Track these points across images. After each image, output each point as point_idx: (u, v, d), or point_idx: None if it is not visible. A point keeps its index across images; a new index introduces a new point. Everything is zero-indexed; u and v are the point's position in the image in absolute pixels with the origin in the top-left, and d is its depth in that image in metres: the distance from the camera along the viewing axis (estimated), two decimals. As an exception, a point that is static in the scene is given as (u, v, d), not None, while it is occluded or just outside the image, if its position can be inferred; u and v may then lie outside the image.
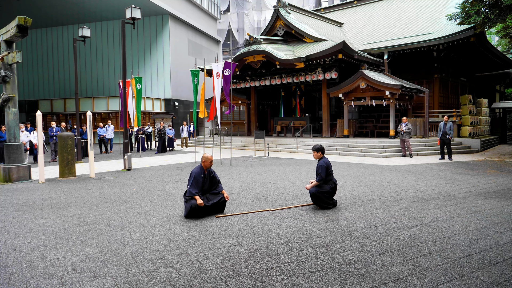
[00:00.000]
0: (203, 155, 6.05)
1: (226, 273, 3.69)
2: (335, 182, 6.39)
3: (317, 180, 6.22)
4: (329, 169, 6.28)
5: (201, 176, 5.93)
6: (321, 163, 6.27)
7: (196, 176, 5.88)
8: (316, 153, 6.38)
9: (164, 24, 30.92)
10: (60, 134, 10.42)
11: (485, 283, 3.39)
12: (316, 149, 6.37)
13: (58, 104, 28.76)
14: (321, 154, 6.37)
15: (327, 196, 6.28)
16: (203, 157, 6.01)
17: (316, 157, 6.40)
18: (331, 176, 6.32)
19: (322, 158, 6.35)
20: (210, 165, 6.01)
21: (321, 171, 6.17)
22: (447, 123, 13.78)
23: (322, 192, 6.24)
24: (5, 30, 10.13)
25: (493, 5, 13.26)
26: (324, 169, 6.18)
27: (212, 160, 6.01)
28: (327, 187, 6.27)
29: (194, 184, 5.84)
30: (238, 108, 25.36)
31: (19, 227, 5.41)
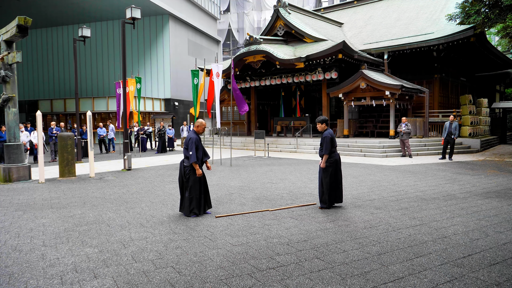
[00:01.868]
0: (197, 120, 6.05)
1: (226, 273, 3.69)
2: (338, 158, 6.45)
3: (323, 153, 6.27)
4: (334, 141, 6.35)
5: (199, 142, 5.92)
6: (326, 134, 6.32)
7: (196, 142, 5.82)
8: (320, 125, 6.45)
9: (164, 24, 30.92)
10: (60, 134, 10.42)
11: (485, 283, 3.39)
12: (320, 120, 6.46)
13: (58, 104, 28.76)
14: (326, 125, 6.46)
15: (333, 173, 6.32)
16: (198, 122, 6.02)
17: (321, 128, 6.47)
18: (334, 149, 6.39)
19: (327, 130, 6.43)
20: (203, 131, 6.04)
21: (325, 143, 6.24)
22: (453, 123, 13.72)
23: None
24: (5, 30, 10.13)
25: (493, 5, 13.26)
26: (328, 140, 6.25)
27: (205, 125, 6.06)
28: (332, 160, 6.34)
29: (195, 151, 5.78)
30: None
31: (19, 227, 5.41)
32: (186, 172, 5.89)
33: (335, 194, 6.38)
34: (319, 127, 6.49)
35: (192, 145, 5.76)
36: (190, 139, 5.84)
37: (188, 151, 5.81)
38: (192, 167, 5.84)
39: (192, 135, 5.89)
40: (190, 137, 5.86)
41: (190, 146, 5.79)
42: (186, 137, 5.93)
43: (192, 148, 5.75)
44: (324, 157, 6.27)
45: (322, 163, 6.28)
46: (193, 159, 5.75)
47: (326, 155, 6.27)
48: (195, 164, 5.80)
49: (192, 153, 5.75)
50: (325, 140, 6.25)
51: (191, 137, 5.87)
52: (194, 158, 5.75)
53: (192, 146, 5.76)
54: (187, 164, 5.88)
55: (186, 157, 5.89)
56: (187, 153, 5.85)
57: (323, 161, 6.27)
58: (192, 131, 6.02)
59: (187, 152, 5.83)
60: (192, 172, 5.85)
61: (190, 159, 5.78)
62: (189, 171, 5.85)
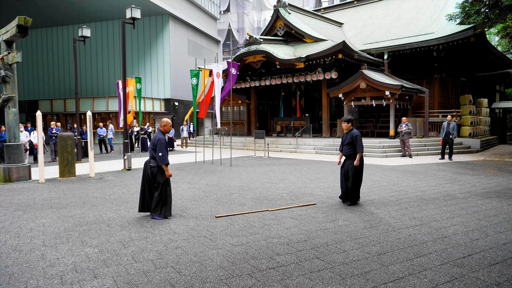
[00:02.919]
0: (162, 119, 5.91)
1: (226, 273, 3.69)
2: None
3: (358, 151, 6.43)
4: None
5: (167, 143, 5.80)
6: (357, 133, 6.52)
7: (164, 143, 5.67)
8: (346, 124, 6.65)
9: (164, 24, 30.92)
10: (60, 134, 10.41)
11: (485, 283, 3.39)
12: (347, 119, 6.65)
13: (58, 104, 28.75)
14: (351, 125, 6.66)
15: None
16: (164, 121, 5.87)
17: (346, 128, 6.66)
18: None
19: (353, 129, 6.63)
20: (169, 130, 5.92)
21: (359, 141, 6.42)
22: (451, 123, 13.74)
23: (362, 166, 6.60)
24: (5, 30, 10.13)
25: (493, 5, 13.26)
26: (361, 138, 6.47)
27: (171, 124, 5.99)
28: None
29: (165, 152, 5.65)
30: (238, 108, 25.36)
31: (19, 227, 5.41)
32: (153, 173, 5.73)
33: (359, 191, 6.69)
34: (345, 126, 6.67)
35: (162, 146, 5.62)
36: (158, 139, 5.66)
37: (156, 152, 5.65)
38: (160, 168, 5.71)
39: (160, 136, 5.72)
40: (159, 138, 5.68)
41: (159, 147, 5.63)
42: (154, 137, 5.76)
43: (162, 149, 5.62)
44: (359, 155, 6.45)
45: (357, 161, 6.41)
46: (164, 161, 5.63)
47: (361, 153, 6.46)
48: (165, 166, 5.66)
49: (162, 154, 5.62)
50: (358, 138, 6.44)
51: (159, 137, 5.69)
52: (165, 159, 5.63)
53: (161, 147, 5.62)
54: (154, 165, 5.72)
55: (153, 157, 5.73)
56: (154, 154, 5.68)
57: (358, 159, 6.42)
58: (159, 131, 5.83)
59: (155, 153, 5.66)
60: (160, 173, 5.72)
61: (159, 160, 5.62)
62: (157, 172, 5.72)
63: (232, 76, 13.14)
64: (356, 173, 6.46)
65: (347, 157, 6.65)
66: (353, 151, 6.52)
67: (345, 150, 6.64)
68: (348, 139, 6.55)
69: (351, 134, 6.55)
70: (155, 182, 5.77)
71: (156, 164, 5.71)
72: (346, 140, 6.60)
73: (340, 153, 6.90)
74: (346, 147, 6.61)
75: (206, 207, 6.55)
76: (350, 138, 6.52)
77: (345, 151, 6.63)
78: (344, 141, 6.67)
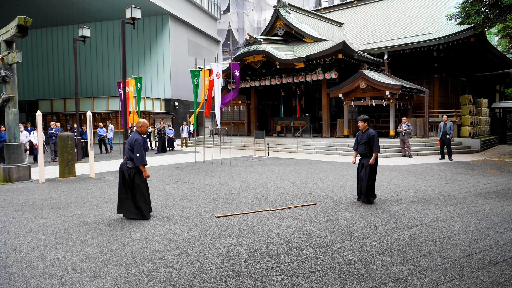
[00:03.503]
0: (139, 120, 5.83)
1: (226, 273, 3.69)
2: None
3: (375, 150, 6.56)
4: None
5: (145, 143, 5.72)
6: (373, 133, 6.67)
7: (141, 143, 5.60)
8: (363, 123, 6.77)
9: (164, 24, 30.92)
10: (60, 134, 10.41)
11: (485, 283, 3.39)
12: (364, 119, 6.78)
13: (58, 104, 28.75)
14: (368, 124, 6.81)
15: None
16: (141, 122, 5.80)
17: (363, 127, 6.78)
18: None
19: (369, 129, 6.77)
20: (146, 131, 5.86)
21: (376, 140, 6.58)
22: (447, 123, 13.78)
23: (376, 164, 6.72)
24: (5, 30, 10.13)
25: (493, 5, 13.26)
26: (377, 138, 6.64)
27: (148, 125, 5.93)
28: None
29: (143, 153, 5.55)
30: (238, 108, 25.37)
31: (19, 227, 5.41)
32: (131, 174, 5.64)
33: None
34: (361, 125, 6.79)
35: (139, 146, 5.54)
36: (136, 140, 5.57)
37: (133, 153, 5.57)
38: (138, 169, 5.64)
39: (137, 136, 5.63)
40: (136, 138, 5.59)
41: (136, 147, 5.55)
42: (130, 138, 5.66)
43: (140, 150, 5.54)
44: (375, 154, 6.59)
45: (372, 160, 6.54)
46: (142, 162, 5.56)
47: (378, 152, 6.60)
48: (143, 167, 5.60)
49: (139, 155, 5.54)
50: (375, 138, 6.60)
51: (136, 138, 5.59)
52: (143, 160, 5.56)
53: (139, 147, 5.54)
54: (131, 166, 5.64)
55: (130, 158, 5.65)
56: (131, 155, 5.60)
57: (374, 158, 6.56)
58: (136, 131, 5.75)
59: (131, 154, 5.59)
60: (138, 174, 5.66)
61: (137, 161, 5.55)
62: (134, 173, 5.63)
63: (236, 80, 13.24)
64: (371, 172, 6.60)
65: (362, 156, 6.79)
66: (369, 150, 6.66)
67: (360, 149, 6.78)
68: (365, 138, 6.70)
69: (367, 133, 6.70)
70: (132, 184, 5.66)
71: (134, 166, 5.63)
72: (362, 139, 6.74)
73: (355, 152, 7.01)
74: (362, 146, 6.75)
75: (206, 207, 6.55)
76: (367, 137, 6.66)
77: (361, 150, 6.77)
78: (360, 140, 6.80)
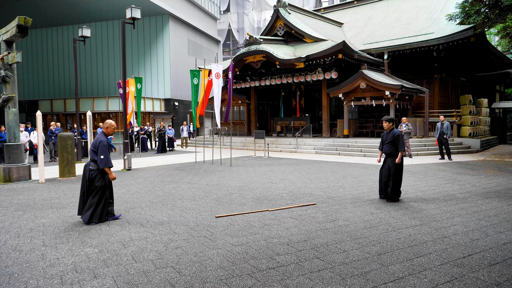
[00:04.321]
0: (106, 121, 5.76)
1: (226, 273, 3.69)
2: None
3: (400, 150, 6.73)
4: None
5: (109, 145, 5.66)
6: (397, 132, 6.85)
7: (106, 145, 5.50)
8: (388, 123, 6.97)
9: (164, 24, 30.92)
10: (60, 134, 10.41)
11: (485, 283, 3.39)
12: (388, 119, 6.98)
13: (58, 104, 28.75)
14: (392, 124, 6.99)
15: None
16: (107, 123, 5.71)
17: (387, 127, 6.99)
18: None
19: (393, 129, 6.95)
20: (113, 132, 5.73)
21: (401, 140, 6.75)
22: (444, 123, 13.80)
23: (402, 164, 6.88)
24: (5, 30, 10.13)
25: (493, 5, 13.25)
26: (402, 137, 6.80)
27: (115, 126, 5.79)
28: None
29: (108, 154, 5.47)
30: (238, 108, 25.37)
31: (19, 227, 5.41)
32: (91, 176, 5.53)
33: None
34: (386, 125, 7.00)
35: (104, 148, 5.46)
36: (100, 142, 5.48)
37: (97, 155, 5.47)
38: (100, 171, 5.55)
39: (102, 138, 5.55)
40: (100, 140, 5.50)
41: (100, 149, 5.46)
42: (95, 140, 5.58)
43: (104, 152, 5.46)
44: (401, 153, 6.76)
45: (398, 159, 6.74)
46: (106, 164, 5.46)
47: (403, 151, 6.76)
48: (108, 169, 5.51)
49: (104, 157, 5.44)
50: (400, 138, 6.77)
51: (101, 139, 5.50)
52: (108, 163, 5.46)
53: (103, 149, 5.46)
54: (93, 168, 5.54)
55: (93, 160, 5.56)
56: (95, 157, 5.51)
57: (400, 157, 6.74)
58: (101, 133, 5.66)
59: (96, 156, 5.50)
60: (101, 176, 5.56)
61: (102, 163, 5.45)
62: (96, 175, 5.53)
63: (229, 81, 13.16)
64: (397, 171, 6.77)
65: (387, 155, 6.97)
66: (394, 149, 6.83)
67: (385, 149, 6.96)
68: (390, 138, 6.88)
69: (392, 133, 6.88)
70: (92, 186, 5.54)
71: (96, 168, 5.53)
72: (387, 139, 6.93)
73: (380, 152, 7.22)
74: (387, 146, 6.93)
75: (206, 207, 6.55)
76: (392, 137, 6.85)
77: (386, 150, 6.95)
78: (385, 140, 7.00)
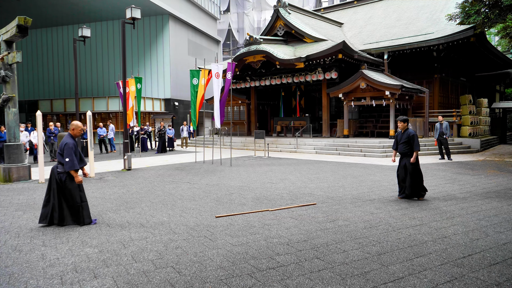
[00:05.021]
0: (72, 122, 5.61)
1: (226, 273, 3.69)
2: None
3: (416, 149, 6.84)
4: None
5: (76, 147, 5.49)
6: (412, 132, 6.96)
7: (73, 148, 5.36)
8: (403, 124, 7.05)
9: (164, 24, 30.92)
10: (60, 134, 10.41)
11: (485, 283, 3.39)
12: (403, 119, 7.07)
13: (58, 104, 28.76)
14: (407, 124, 7.11)
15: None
16: (73, 124, 5.56)
17: (402, 127, 7.08)
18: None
19: (408, 129, 7.05)
20: (80, 134, 5.62)
21: (416, 140, 6.88)
22: (443, 123, 13.81)
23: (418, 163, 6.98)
24: (5, 30, 10.13)
25: (493, 5, 13.25)
26: (417, 137, 6.93)
27: (82, 127, 5.65)
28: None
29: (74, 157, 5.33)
30: (238, 108, 25.36)
31: (19, 227, 5.41)
32: (62, 179, 5.39)
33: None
34: (401, 126, 7.08)
35: (69, 151, 5.32)
36: (66, 144, 5.35)
37: (63, 158, 5.35)
38: (68, 174, 5.40)
39: (68, 140, 5.42)
40: (66, 142, 5.37)
41: (66, 151, 5.33)
42: (61, 142, 5.44)
43: (70, 155, 5.32)
44: (416, 153, 6.87)
45: (413, 159, 6.83)
46: (72, 167, 5.32)
47: (418, 151, 6.86)
48: (74, 172, 5.37)
49: (69, 160, 5.31)
50: (415, 138, 6.90)
51: (66, 142, 5.38)
52: (73, 165, 5.33)
53: (69, 152, 5.32)
54: (62, 171, 5.39)
55: (61, 163, 5.42)
56: (61, 160, 5.38)
57: (415, 156, 6.85)
58: (68, 135, 5.54)
59: (62, 159, 5.37)
60: (69, 179, 5.42)
61: (66, 166, 5.32)
62: (66, 178, 5.40)
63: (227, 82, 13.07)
64: (414, 169, 6.86)
65: (403, 155, 7.08)
66: (409, 149, 6.94)
67: (400, 148, 7.09)
68: (404, 138, 6.99)
69: (407, 133, 6.98)
70: (65, 189, 5.42)
71: (64, 170, 5.40)
72: (402, 139, 7.04)
73: (394, 151, 7.34)
74: (402, 146, 7.04)
75: (206, 207, 6.55)
76: (407, 137, 6.95)
77: (401, 149, 7.08)
78: (400, 140, 7.11)
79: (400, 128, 7.11)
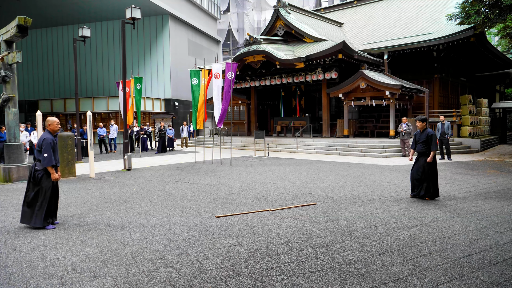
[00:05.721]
0: (48, 119, 5.50)
1: (226, 273, 3.69)
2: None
3: (433, 149, 6.86)
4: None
5: (55, 144, 5.39)
6: (430, 132, 6.98)
7: (52, 143, 5.27)
8: (421, 123, 7.09)
9: (164, 24, 30.92)
10: (60, 134, 10.41)
11: (485, 283, 3.39)
12: (422, 119, 7.12)
13: (58, 104, 28.75)
14: (426, 124, 7.14)
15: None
16: (49, 120, 5.45)
17: (421, 127, 7.10)
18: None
19: (427, 129, 7.07)
20: (57, 128, 5.52)
21: (434, 140, 6.89)
22: (445, 123, 13.80)
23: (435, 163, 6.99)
24: (5, 30, 10.13)
25: (493, 5, 13.25)
26: (435, 137, 6.94)
27: (59, 123, 5.56)
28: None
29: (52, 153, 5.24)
30: (238, 108, 25.36)
31: (19, 227, 5.41)
32: (37, 177, 5.27)
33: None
34: (420, 125, 7.11)
35: (48, 146, 5.22)
36: (44, 139, 5.26)
37: (41, 154, 5.24)
38: (45, 171, 5.30)
39: (46, 136, 5.32)
40: (44, 138, 5.28)
41: (45, 147, 5.22)
42: (40, 138, 5.37)
43: (48, 150, 5.21)
44: (433, 153, 6.87)
45: (430, 158, 6.86)
46: (48, 162, 5.20)
47: (435, 150, 6.89)
48: (51, 168, 5.26)
49: (47, 155, 5.19)
50: (433, 138, 6.91)
51: (45, 137, 5.28)
52: (51, 161, 5.21)
53: (47, 148, 5.22)
54: (39, 168, 5.28)
55: (39, 160, 5.30)
56: (39, 156, 5.28)
57: (432, 156, 6.87)
58: (46, 131, 5.44)
59: (40, 155, 5.26)
60: (46, 177, 5.31)
61: (44, 162, 5.21)
62: (42, 176, 5.28)
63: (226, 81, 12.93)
64: (431, 169, 6.88)
65: (420, 154, 7.08)
66: (427, 149, 6.95)
67: (418, 148, 7.09)
68: (423, 137, 7.00)
69: (426, 133, 7.00)
70: (38, 186, 5.31)
71: (42, 167, 5.29)
72: (421, 138, 7.06)
73: (412, 150, 7.36)
74: (420, 145, 7.06)
75: (206, 207, 6.55)
76: (425, 136, 6.97)
77: (419, 149, 7.07)
78: (418, 140, 7.12)
79: (419, 128, 7.14)
